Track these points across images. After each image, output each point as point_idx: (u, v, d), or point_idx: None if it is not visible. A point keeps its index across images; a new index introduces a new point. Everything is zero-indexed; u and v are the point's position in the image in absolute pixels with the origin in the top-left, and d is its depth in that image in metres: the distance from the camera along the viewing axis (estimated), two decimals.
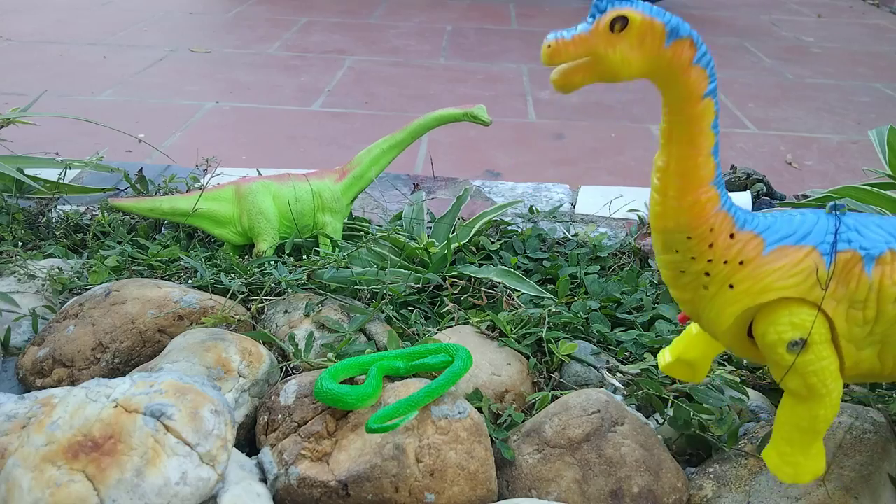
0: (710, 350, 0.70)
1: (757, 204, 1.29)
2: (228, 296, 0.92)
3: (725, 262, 0.57)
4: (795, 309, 0.56)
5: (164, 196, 1.11)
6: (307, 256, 1.02)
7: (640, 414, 0.79)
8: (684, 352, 0.70)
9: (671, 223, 0.56)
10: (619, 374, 0.85)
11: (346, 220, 1.15)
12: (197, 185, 1.27)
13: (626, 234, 1.19)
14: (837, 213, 0.58)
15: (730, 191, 1.30)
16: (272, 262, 1.00)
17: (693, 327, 0.70)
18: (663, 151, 0.55)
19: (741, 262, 0.56)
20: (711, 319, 0.60)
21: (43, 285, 0.98)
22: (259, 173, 1.33)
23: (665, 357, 0.72)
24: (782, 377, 0.58)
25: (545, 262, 1.07)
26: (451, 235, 1.08)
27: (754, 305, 0.57)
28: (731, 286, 0.57)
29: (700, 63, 0.51)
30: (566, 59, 0.50)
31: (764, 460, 0.63)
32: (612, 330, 0.92)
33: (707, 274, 0.57)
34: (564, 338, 0.89)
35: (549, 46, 0.49)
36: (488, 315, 0.91)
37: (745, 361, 0.86)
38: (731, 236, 0.56)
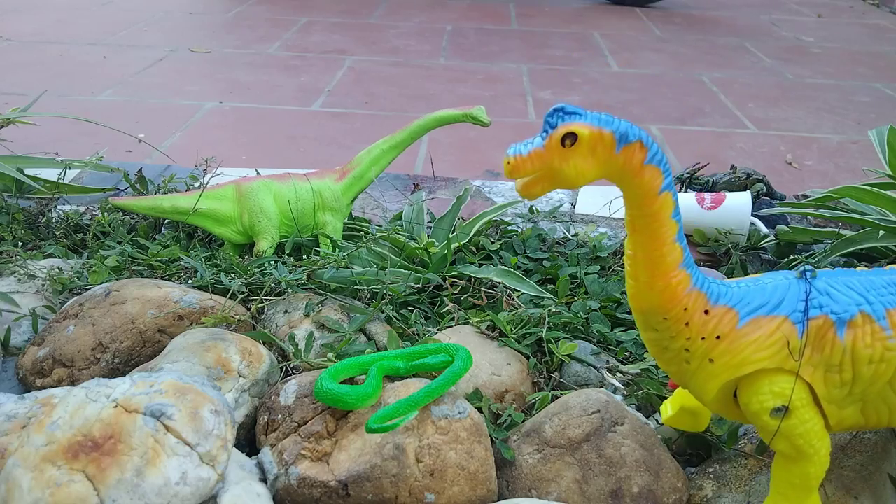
0: None
1: (757, 204, 1.29)
2: (228, 296, 0.92)
3: (703, 339, 0.59)
4: (775, 378, 0.58)
5: (165, 195, 1.11)
6: (307, 256, 1.02)
7: (640, 414, 0.79)
8: (686, 401, 0.72)
9: (646, 305, 0.58)
10: (619, 374, 0.85)
11: (346, 221, 1.15)
12: (196, 185, 1.27)
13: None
14: (808, 276, 0.59)
15: (730, 191, 1.30)
16: (272, 262, 1.00)
17: None
18: (630, 240, 0.57)
19: (718, 337, 0.58)
20: (697, 391, 0.62)
21: (43, 285, 0.98)
22: (257, 173, 1.33)
23: (667, 410, 0.74)
24: (770, 440, 0.60)
25: (545, 262, 1.07)
26: (451, 235, 1.08)
27: (734, 378, 0.59)
28: (710, 360, 0.59)
29: (652, 162, 0.53)
30: (525, 175, 0.52)
31: None
32: (612, 330, 0.92)
33: (687, 350, 0.60)
34: (564, 338, 0.89)
35: (509, 163, 0.52)
36: (488, 315, 0.91)
37: None
38: (706, 312, 0.58)
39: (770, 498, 0.64)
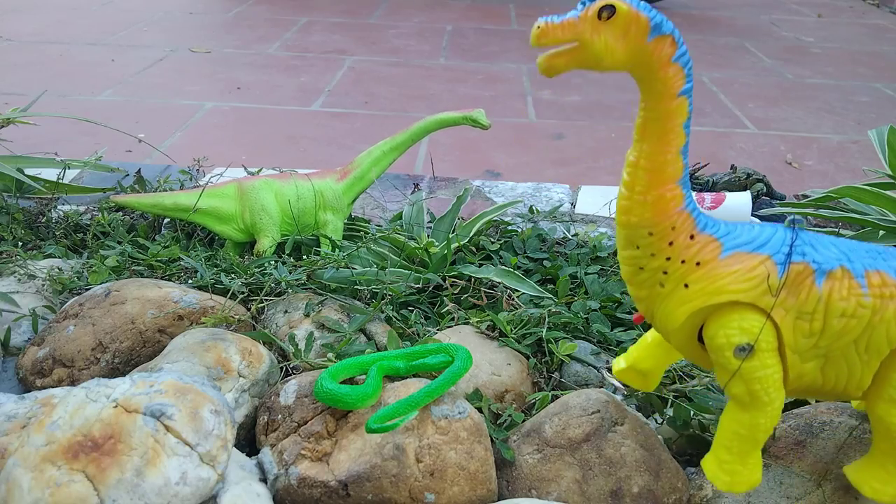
0: (663, 360, 0.71)
1: (757, 204, 1.29)
2: (228, 296, 0.92)
3: (683, 262, 0.58)
4: (745, 314, 0.58)
5: (167, 192, 1.11)
6: (307, 256, 1.02)
7: (640, 414, 0.79)
8: (638, 361, 0.72)
9: (635, 218, 0.58)
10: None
11: (346, 221, 1.15)
12: (189, 182, 1.27)
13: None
14: (795, 227, 0.60)
15: (730, 191, 1.30)
16: (272, 262, 1.00)
17: (648, 336, 0.71)
18: (635, 147, 0.57)
19: (698, 263, 0.58)
20: (664, 317, 0.61)
21: (43, 285, 0.98)
22: (247, 172, 1.33)
23: (619, 363, 0.74)
24: (727, 382, 0.60)
25: (545, 262, 1.07)
26: (451, 235, 1.08)
27: (706, 306, 0.58)
28: (686, 285, 0.59)
29: (679, 61, 0.53)
30: (553, 42, 0.52)
31: (702, 468, 0.64)
32: (612, 330, 0.92)
33: (665, 272, 0.59)
34: (564, 338, 0.89)
35: (539, 28, 0.52)
36: (488, 315, 0.91)
37: None
38: (692, 237, 0.58)
39: (711, 452, 0.63)
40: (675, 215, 0.57)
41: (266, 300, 0.94)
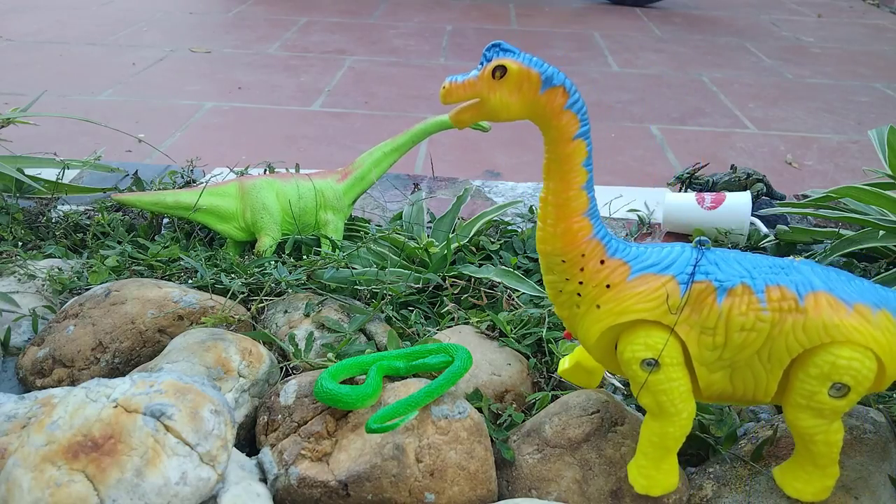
0: None
1: (757, 204, 1.29)
2: (228, 296, 0.92)
3: (594, 286, 0.63)
4: (651, 331, 0.62)
5: (168, 190, 1.11)
6: (308, 256, 1.02)
7: (640, 414, 0.79)
8: (582, 360, 0.77)
9: (549, 247, 0.63)
10: (619, 374, 0.85)
11: (346, 221, 1.15)
12: (181, 181, 1.27)
13: (626, 234, 1.19)
14: (702, 247, 0.64)
15: (730, 191, 1.30)
16: (272, 262, 1.00)
17: None
18: (544, 185, 0.62)
19: (608, 286, 0.63)
20: (583, 335, 0.66)
21: (43, 285, 0.98)
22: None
23: (564, 363, 0.78)
24: (637, 393, 0.64)
25: None
26: (450, 235, 1.08)
27: (616, 325, 0.63)
28: (598, 306, 0.64)
29: (572, 109, 0.58)
30: (457, 100, 0.58)
31: (627, 471, 0.68)
32: None
33: (578, 294, 0.65)
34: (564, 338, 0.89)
35: (444, 88, 0.57)
36: (488, 315, 0.91)
37: None
38: (602, 262, 0.63)
39: (634, 458, 0.67)
40: (583, 244, 0.62)
41: (266, 300, 0.94)
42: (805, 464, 0.66)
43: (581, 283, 0.64)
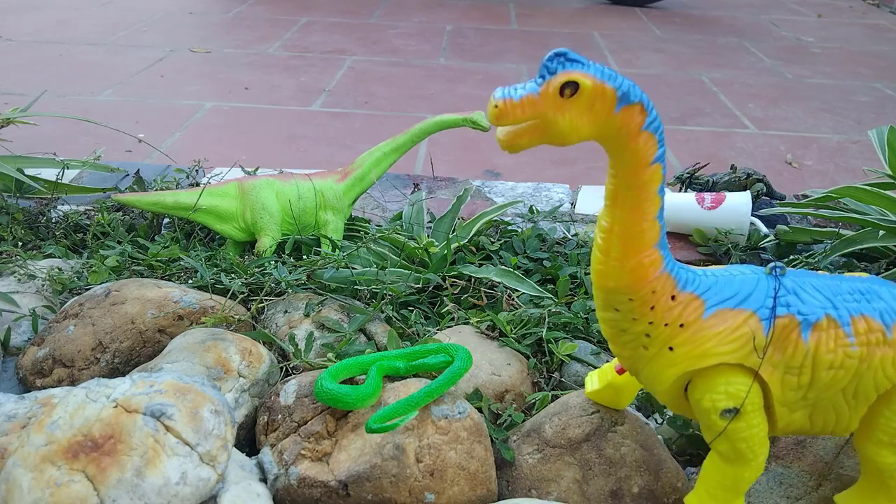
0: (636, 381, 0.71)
1: (757, 204, 1.29)
2: (228, 296, 0.92)
3: (666, 325, 0.56)
4: (732, 378, 0.57)
5: (168, 191, 1.11)
6: (308, 256, 1.02)
7: (640, 414, 0.79)
8: (613, 378, 0.71)
9: (612, 283, 0.56)
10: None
11: (346, 221, 1.15)
12: (187, 181, 1.28)
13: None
14: (777, 273, 0.58)
15: (730, 191, 1.30)
16: (272, 262, 1.00)
17: None
18: (608, 213, 0.54)
19: (682, 325, 0.56)
20: (650, 379, 0.60)
21: (43, 285, 0.98)
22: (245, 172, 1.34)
23: (592, 383, 0.73)
24: (712, 441, 0.59)
25: (545, 262, 1.07)
26: (450, 235, 1.08)
27: (693, 370, 0.57)
28: (670, 348, 0.57)
29: (649, 129, 0.50)
30: (513, 122, 0.47)
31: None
32: None
33: (647, 335, 0.57)
34: (564, 338, 0.89)
35: (496, 107, 0.47)
36: (488, 315, 0.91)
37: None
38: (673, 297, 0.56)
39: (695, 494, 0.63)
40: (654, 280, 0.55)
41: (266, 300, 0.94)
42: (876, 495, 0.62)
43: (651, 322, 0.56)
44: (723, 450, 0.59)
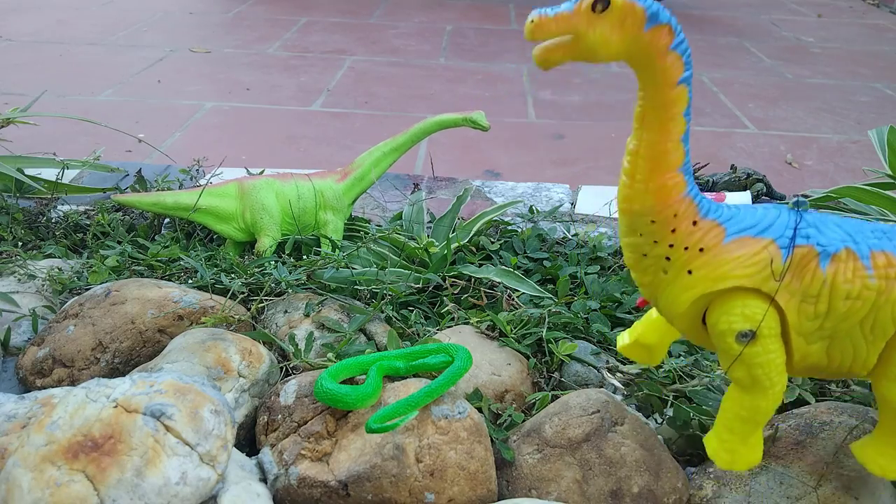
0: (667, 335, 0.71)
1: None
2: (228, 296, 0.92)
3: (686, 248, 0.58)
4: (749, 300, 0.58)
5: (168, 191, 1.11)
6: (307, 256, 1.02)
7: (640, 414, 0.79)
8: (643, 335, 0.71)
9: (637, 206, 0.58)
10: (619, 374, 0.85)
11: (346, 221, 1.15)
12: (190, 183, 1.28)
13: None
14: (800, 209, 0.59)
15: (729, 191, 1.30)
16: (272, 262, 1.00)
17: (653, 312, 0.71)
18: (635, 135, 0.56)
19: (701, 249, 0.58)
20: (668, 303, 0.61)
21: (43, 285, 0.98)
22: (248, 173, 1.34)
23: (624, 339, 0.73)
24: (729, 366, 0.60)
25: (545, 262, 1.07)
26: (450, 235, 1.08)
27: (710, 292, 0.58)
28: (689, 272, 0.58)
29: (677, 49, 0.53)
30: (548, 36, 0.51)
31: (704, 444, 0.65)
32: (612, 330, 0.92)
33: (668, 258, 0.59)
34: (564, 338, 0.89)
35: (532, 22, 0.51)
36: (488, 315, 0.91)
37: None
38: (694, 223, 0.58)
39: (713, 431, 0.63)
40: (677, 203, 0.57)
41: (266, 300, 0.94)
42: (894, 440, 0.62)
43: (671, 245, 0.58)
44: (739, 376, 0.60)
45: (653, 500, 0.69)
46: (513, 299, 0.97)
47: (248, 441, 0.77)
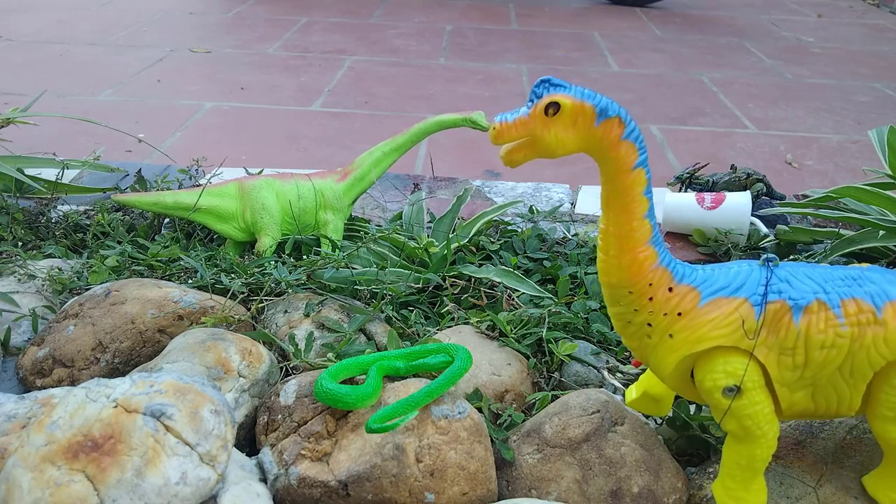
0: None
1: (757, 204, 1.29)
2: (228, 296, 0.92)
3: (665, 314, 0.62)
4: (730, 358, 0.61)
5: (168, 191, 1.11)
6: (307, 256, 1.02)
7: (640, 414, 0.79)
8: (649, 388, 0.74)
9: (614, 279, 0.61)
10: (619, 374, 0.85)
11: (346, 221, 1.15)
12: (190, 183, 1.28)
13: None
14: (770, 265, 0.62)
15: (730, 191, 1.30)
16: (272, 262, 1.00)
17: None
18: (603, 216, 0.60)
19: (679, 314, 0.61)
20: (656, 365, 0.65)
21: (43, 285, 0.98)
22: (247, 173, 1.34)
23: (632, 393, 0.77)
24: (721, 420, 0.63)
25: (545, 262, 1.07)
26: (450, 235, 1.08)
27: (692, 354, 0.61)
28: (670, 335, 0.62)
29: (629, 138, 0.56)
30: (510, 140, 0.56)
31: (712, 492, 0.67)
32: (611, 330, 0.92)
33: (649, 324, 0.63)
34: (564, 338, 0.89)
35: (494, 129, 0.55)
36: (488, 315, 0.91)
37: None
38: (670, 289, 0.61)
39: (719, 479, 0.66)
40: (650, 273, 0.61)
41: (266, 300, 0.94)
42: None
43: (651, 312, 0.62)
44: (731, 428, 0.63)
45: (653, 500, 0.69)
46: (513, 299, 0.97)
47: (248, 441, 0.77)
